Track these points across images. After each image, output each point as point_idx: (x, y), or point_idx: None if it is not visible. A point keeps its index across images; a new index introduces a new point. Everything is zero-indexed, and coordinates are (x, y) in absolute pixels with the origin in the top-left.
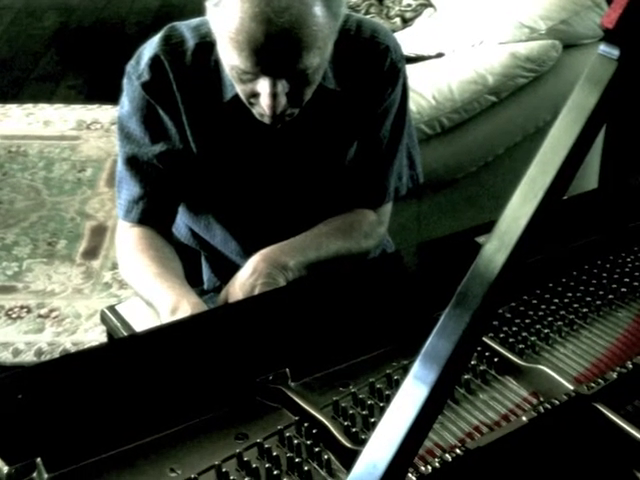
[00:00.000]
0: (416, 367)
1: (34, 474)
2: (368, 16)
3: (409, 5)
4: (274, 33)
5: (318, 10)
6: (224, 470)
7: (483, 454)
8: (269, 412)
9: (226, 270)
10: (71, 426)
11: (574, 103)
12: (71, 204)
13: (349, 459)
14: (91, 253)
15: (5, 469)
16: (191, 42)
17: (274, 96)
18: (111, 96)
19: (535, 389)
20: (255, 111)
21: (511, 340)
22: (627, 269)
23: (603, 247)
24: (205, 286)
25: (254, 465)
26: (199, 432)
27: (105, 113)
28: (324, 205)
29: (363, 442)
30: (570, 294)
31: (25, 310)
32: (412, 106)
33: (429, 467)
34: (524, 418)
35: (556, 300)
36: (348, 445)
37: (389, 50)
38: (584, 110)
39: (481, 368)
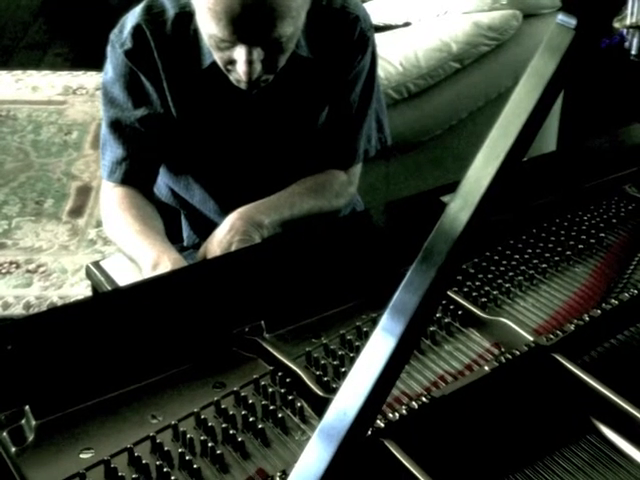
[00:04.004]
0: (384, 319)
1: (22, 421)
2: None
3: None
4: (250, 3)
5: None
6: (203, 417)
7: (448, 402)
8: (245, 362)
9: (204, 228)
10: (58, 375)
11: (534, 70)
12: (58, 165)
13: (321, 407)
14: (77, 212)
15: None
16: (171, 12)
17: (250, 63)
18: (96, 63)
19: (497, 340)
20: (232, 77)
21: (474, 294)
22: (584, 227)
23: (561, 206)
24: (185, 243)
25: (231, 412)
26: (179, 381)
27: (90, 79)
28: (297, 166)
29: (334, 391)
30: (530, 250)
31: (14, 266)
32: (380, 72)
33: (397, 414)
34: (486, 368)
35: (517, 256)
36: (320, 393)
37: (359, 20)
38: (543, 77)
39: (446, 320)
